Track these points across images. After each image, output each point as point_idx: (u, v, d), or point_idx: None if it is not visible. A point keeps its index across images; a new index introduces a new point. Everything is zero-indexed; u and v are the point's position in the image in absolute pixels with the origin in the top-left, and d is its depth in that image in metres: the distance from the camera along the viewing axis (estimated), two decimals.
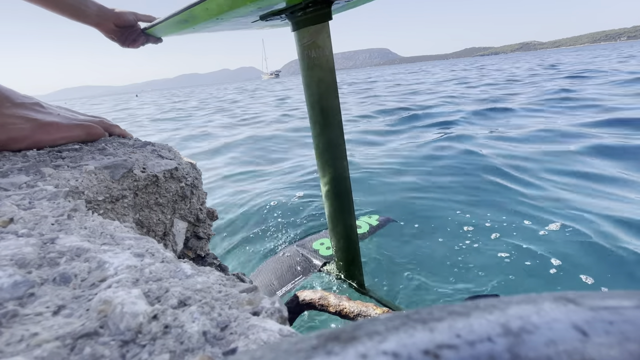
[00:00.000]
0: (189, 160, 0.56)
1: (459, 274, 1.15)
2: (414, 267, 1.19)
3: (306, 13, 0.75)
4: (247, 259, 1.36)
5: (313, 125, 0.88)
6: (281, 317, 0.21)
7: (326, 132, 0.86)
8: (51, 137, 0.50)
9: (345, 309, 0.66)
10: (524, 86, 6.59)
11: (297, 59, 0.85)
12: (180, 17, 0.72)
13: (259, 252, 1.39)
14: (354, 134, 3.64)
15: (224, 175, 2.58)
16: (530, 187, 1.76)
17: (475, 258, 1.22)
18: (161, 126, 6.47)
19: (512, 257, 1.20)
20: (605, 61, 12.08)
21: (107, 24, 0.79)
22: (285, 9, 0.75)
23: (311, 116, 0.87)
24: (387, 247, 1.33)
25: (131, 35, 0.84)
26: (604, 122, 3.05)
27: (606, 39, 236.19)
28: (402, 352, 0.08)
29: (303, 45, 0.79)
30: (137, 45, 0.88)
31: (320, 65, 0.80)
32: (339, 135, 0.87)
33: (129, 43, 0.86)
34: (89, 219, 0.32)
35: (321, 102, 0.83)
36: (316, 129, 0.87)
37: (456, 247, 1.30)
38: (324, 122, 0.85)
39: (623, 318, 0.09)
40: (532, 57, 31.90)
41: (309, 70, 0.81)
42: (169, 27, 0.81)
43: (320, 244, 1.34)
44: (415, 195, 1.82)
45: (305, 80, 0.83)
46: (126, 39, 0.84)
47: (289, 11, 0.76)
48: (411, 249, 1.31)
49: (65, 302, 0.20)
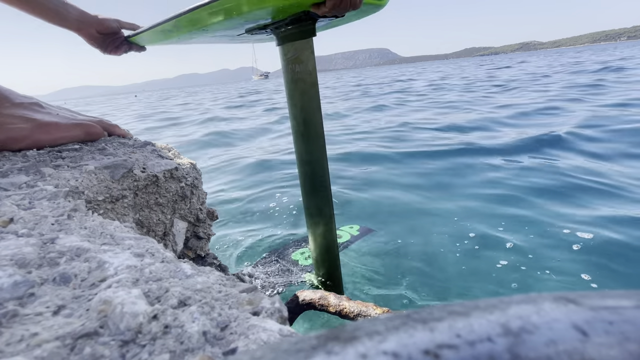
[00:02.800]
0: (189, 161, 0.56)
1: (440, 283, 1.14)
2: (395, 277, 1.20)
3: (290, 29, 0.77)
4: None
5: (295, 137, 0.89)
6: (281, 317, 0.21)
7: (308, 144, 0.87)
8: (51, 136, 0.50)
9: (345, 309, 0.66)
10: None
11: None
12: (165, 26, 0.72)
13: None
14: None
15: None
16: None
17: (460, 266, 1.22)
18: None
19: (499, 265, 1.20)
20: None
21: (88, 29, 0.78)
22: (270, 24, 0.76)
23: (293, 128, 0.88)
24: (367, 256, 1.34)
25: (113, 42, 0.84)
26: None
27: (606, 39, 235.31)
28: (402, 352, 0.08)
29: (287, 60, 0.81)
30: (119, 52, 0.87)
31: (303, 79, 0.82)
32: (320, 148, 0.88)
33: (111, 50, 0.85)
34: (89, 219, 0.32)
35: (303, 114, 0.85)
36: (298, 141, 0.88)
37: (438, 256, 1.29)
38: (306, 134, 0.86)
39: (623, 318, 0.09)
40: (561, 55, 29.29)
41: (293, 84, 0.83)
42: (153, 36, 0.81)
43: (301, 253, 1.34)
44: (394, 202, 1.81)
45: (289, 92, 0.85)
46: (108, 45, 0.83)
47: (273, 26, 0.77)
48: (391, 258, 1.31)
49: (65, 302, 0.20)
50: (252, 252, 1.41)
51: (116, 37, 0.84)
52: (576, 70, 9.21)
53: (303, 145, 0.88)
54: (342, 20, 0.86)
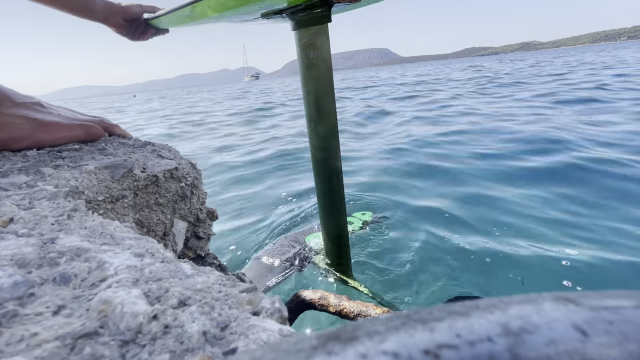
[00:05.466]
0: (189, 160, 0.56)
1: (448, 274, 1.15)
2: (404, 265, 1.21)
3: (306, 14, 0.76)
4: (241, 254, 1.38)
5: (308, 124, 0.90)
6: (281, 317, 0.21)
7: (321, 131, 0.87)
8: (51, 136, 0.50)
9: (345, 309, 0.66)
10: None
11: (297, 60, 0.86)
12: (183, 11, 0.73)
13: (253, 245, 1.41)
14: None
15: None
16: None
17: (467, 259, 1.23)
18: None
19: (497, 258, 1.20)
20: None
21: (115, 18, 0.78)
22: (286, 9, 0.76)
23: (307, 115, 0.88)
24: (377, 244, 1.35)
25: (139, 27, 0.84)
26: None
27: (606, 39, 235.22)
28: (402, 352, 0.08)
29: (302, 45, 0.80)
30: (146, 37, 0.87)
31: (317, 66, 0.81)
32: (333, 135, 0.88)
33: (139, 36, 0.85)
34: (89, 219, 0.32)
35: (317, 101, 0.84)
36: (311, 128, 0.89)
37: (448, 248, 1.30)
38: (320, 121, 0.87)
39: (623, 318, 0.09)
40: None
41: (307, 70, 0.82)
42: (171, 19, 0.81)
43: (313, 237, 1.37)
44: (412, 191, 1.83)
45: (303, 79, 0.85)
46: (135, 32, 0.84)
47: (289, 11, 0.77)
48: (401, 247, 1.32)
49: (65, 302, 0.20)
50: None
51: (141, 23, 0.84)
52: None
53: (316, 133, 0.88)
54: (360, 3, 0.85)
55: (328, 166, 0.91)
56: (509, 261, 1.18)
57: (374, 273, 1.16)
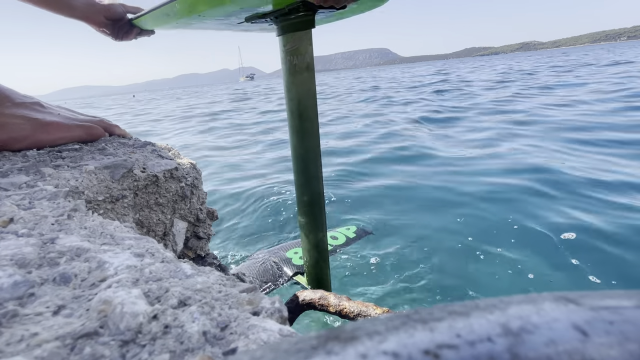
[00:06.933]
0: (189, 160, 0.56)
1: (431, 291, 1.13)
2: (386, 281, 1.18)
3: (290, 19, 0.76)
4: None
5: (290, 131, 0.89)
6: (281, 317, 0.21)
7: (302, 139, 0.87)
8: (51, 136, 0.50)
9: (345, 309, 0.65)
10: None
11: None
12: (162, 10, 0.72)
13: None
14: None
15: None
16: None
17: (452, 276, 1.20)
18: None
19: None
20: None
21: (96, 17, 0.76)
22: (269, 13, 0.76)
23: (290, 122, 0.88)
24: (361, 259, 1.32)
25: (122, 27, 0.82)
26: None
27: (606, 39, 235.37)
28: (402, 352, 0.08)
29: (286, 51, 0.81)
30: (130, 37, 0.85)
31: (300, 72, 0.81)
32: (315, 143, 0.87)
33: (122, 35, 0.83)
34: (89, 219, 0.32)
35: (300, 108, 0.84)
36: (293, 135, 0.88)
37: (432, 262, 1.28)
38: (301, 128, 0.86)
39: (623, 318, 0.09)
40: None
41: (290, 76, 0.82)
42: (155, 19, 0.80)
43: (294, 252, 1.33)
44: (394, 207, 1.78)
45: (287, 85, 0.84)
46: (119, 31, 0.82)
47: (273, 15, 0.77)
48: (386, 262, 1.30)
49: (65, 302, 0.20)
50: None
51: (124, 22, 0.82)
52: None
53: (298, 139, 0.87)
54: (345, 13, 0.85)
55: (307, 176, 0.90)
56: (495, 278, 1.16)
57: (355, 291, 1.14)
